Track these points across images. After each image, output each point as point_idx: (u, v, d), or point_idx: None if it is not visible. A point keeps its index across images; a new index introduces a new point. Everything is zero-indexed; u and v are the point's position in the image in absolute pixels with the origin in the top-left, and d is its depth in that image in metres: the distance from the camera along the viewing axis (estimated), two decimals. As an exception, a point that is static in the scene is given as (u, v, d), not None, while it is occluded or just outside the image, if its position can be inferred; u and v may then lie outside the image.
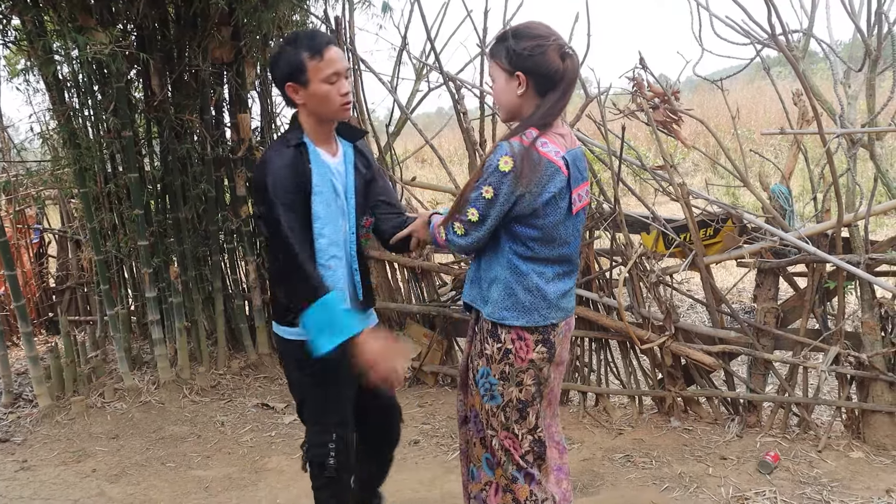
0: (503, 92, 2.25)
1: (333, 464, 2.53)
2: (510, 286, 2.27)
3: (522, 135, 2.16)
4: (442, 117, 14.71)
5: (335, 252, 2.40)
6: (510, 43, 2.18)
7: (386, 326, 4.92)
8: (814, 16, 3.53)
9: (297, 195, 2.32)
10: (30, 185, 6.31)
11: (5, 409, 4.91)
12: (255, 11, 4.65)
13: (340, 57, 2.34)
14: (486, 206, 2.17)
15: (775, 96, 4.02)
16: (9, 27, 4.83)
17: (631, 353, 4.20)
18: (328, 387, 2.51)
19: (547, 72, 2.16)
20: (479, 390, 2.39)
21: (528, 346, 2.30)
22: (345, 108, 2.38)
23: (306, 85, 2.32)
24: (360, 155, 2.57)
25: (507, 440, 2.39)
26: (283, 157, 2.35)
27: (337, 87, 2.32)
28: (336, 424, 2.55)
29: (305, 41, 2.31)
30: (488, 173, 2.15)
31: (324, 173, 2.39)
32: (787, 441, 3.78)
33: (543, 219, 2.21)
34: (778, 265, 3.81)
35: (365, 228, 2.59)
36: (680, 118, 3.72)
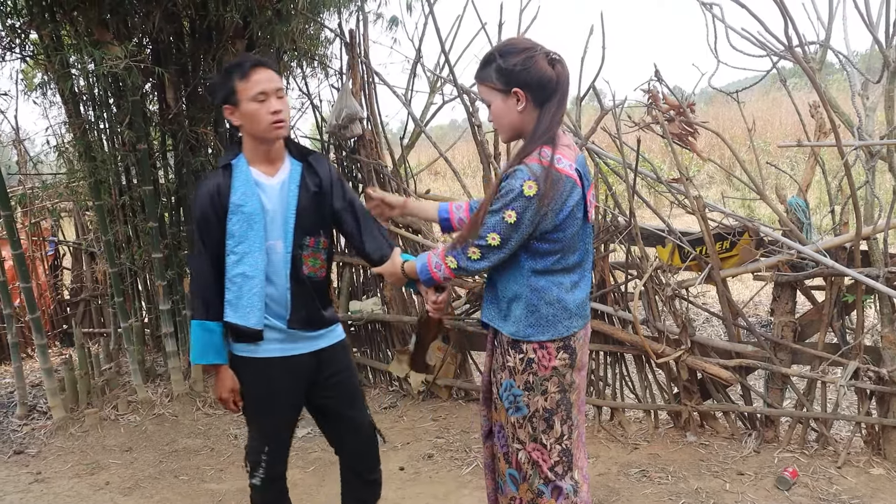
0: (503, 112, 2.25)
1: (262, 474, 2.67)
2: (532, 303, 2.26)
3: (539, 155, 2.16)
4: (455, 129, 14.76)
5: (244, 269, 2.49)
6: (499, 62, 2.20)
7: (400, 340, 4.92)
8: (831, 27, 3.50)
9: (215, 216, 2.49)
10: (45, 198, 6.36)
11: (20, 421, 4.93)
12: (269, 25, 4.68)
13: (269, 78, 2.44)
14: (508, 230, 2.16)
15: (791, 108, 4.00)
16: (27, 41, 4.87)
17: (646, 367, 4.16)
18: (259, 400, 2.64)
19: (541, 81, 2.18)
20: (504, 403, 2.37)
21: (551, 354, 2.30)
22: (275, 127, 2.46)
23: (238, 105, 2.44)
24: (310, 173, 2.61)
25: (536, 452, 2.36)
26: (210, 180, 2.53)
27: (266, 106, 2.42)
28: (270, 435, 2.68)
29: (234, 66, 2.48)
30: (511, 198, 2.14)
31: (250, 192, 2.48)
32: (805, 457, 3.72)
33: (563, 232, 2.22)
34: (795, 278, 3.76)
35: (310, 248, 2.60)
36: (696, 131, 3.70)
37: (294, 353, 2.60)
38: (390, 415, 4.67)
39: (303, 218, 2.55)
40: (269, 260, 2.53)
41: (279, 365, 2.58)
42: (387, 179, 4.79)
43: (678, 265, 3.96)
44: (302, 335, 2.61)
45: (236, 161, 2.52)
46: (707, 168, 11.88)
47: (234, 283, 2.49)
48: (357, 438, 2.79)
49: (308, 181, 2.58)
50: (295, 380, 2.63)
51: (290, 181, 2.56)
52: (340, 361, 2.74)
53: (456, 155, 11.06)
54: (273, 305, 2.56)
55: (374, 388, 5.11)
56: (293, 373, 2.62)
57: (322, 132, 5.20)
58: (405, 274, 2.49)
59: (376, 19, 5.25)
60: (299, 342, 2.61)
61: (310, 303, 2.62)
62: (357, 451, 2.81)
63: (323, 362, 2.67)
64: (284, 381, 2.61)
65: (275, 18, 4.70)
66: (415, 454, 4.08)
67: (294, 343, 2.60)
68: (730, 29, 3.50)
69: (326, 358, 2.68)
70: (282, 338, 2.58)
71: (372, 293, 5.21)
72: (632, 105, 3.96)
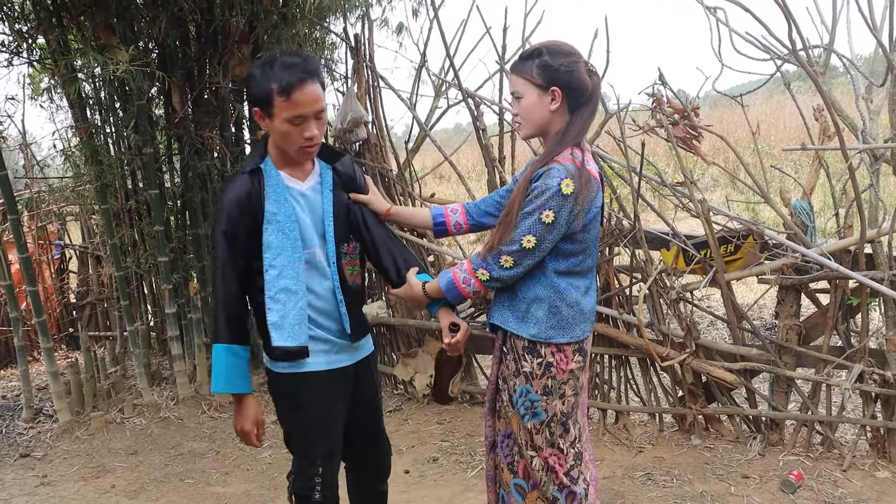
0: (535, 107, 2.25)
1: (319, 498, 2.44)
2: (555, 304, 2.27)
3: (571, 155, 2.18)
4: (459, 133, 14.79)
5: (286, 284, 2.29)
6: (546, 58, 2.21)
7: (405, 344, 4.92)
8: (835, 31, 3.51)
9: (245, 227, 2.28)
10: (52, 202, 6.39)
11: (26, 425, 4.95)
12: (274, 29, 4.71)
13: (312, 99, 2.19)
14: (544, 230, 2.15)
15: (794, 111, 4.01)
16: (34, 46, 4.90)
17: (651, 371, 4.16)
18: (311, 419, 2.44)
19: (579, 87, 2.22)
20: (519, 410, 2.35)
21: (568, 357, 2.31)
22: (305, 151, 2.27)
23: (271, 118, 2.21)
24: (339, 177, 2.46)
25: (553, 457, 2.34)
26: (236, 187, 2.30)
27: (300, 129, 2.21)
28: (322, 456, 2.46)
29: (279, 72, 2.17)
30: (547, 196, 2.13)
31: (282, 200, 2.30)
32: (810, 460, 3.72)
33: (589, 232, 2.26)
34: (800, 282, 3.77)
35: (348, 255, 2.46)
36: (700, 134, 3.71)
37: (340, 365, 2.45)
38: (395, 418, 4.67)
39: (339, 224, 2.41)
40: (312, 269, 2.36)
41: (326, 379, 2.41)
42: (392, 183, 4.80)
43: (683, 268, 3.97)
44: (348, 346, 2.46)
45: (264, 165, 2.32)
46: (711, 171, 11.88)
47: (278, 300, 2.29)
48: (376, 449, 2.69)
49: (338, 185, 2.44)
50: (341, 393, 2.48)
51: (324, 186, 2.40)
52: (373, 373, 2.62)
53: (460, 159, 11.07)
54: (319, 318, 2.39)
55: (379, 392, 5.12)
56: (340, 386, 2.47)
57: (327, 136, 5.22)
58: (427, 295, 2.39)
59: (382, 26, 5.25)
60: (343, 353, 2.46)
61: (359, 312, 2.50)
62: (374, 462, 2.71)
63: (360, 374, 2.54)
64: (333, 396, 2.44)
65: (280, 23, 4.72)
66: (420, 457, 4.08)
67: (340, 355, 2.45)
68: (734, 33, 3.51)
69: (363, 369, 2.55)
70: (327, 349, 2.41)
71: (377, 297, 5.22)
72: (636, 109, 3.97)
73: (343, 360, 2.46)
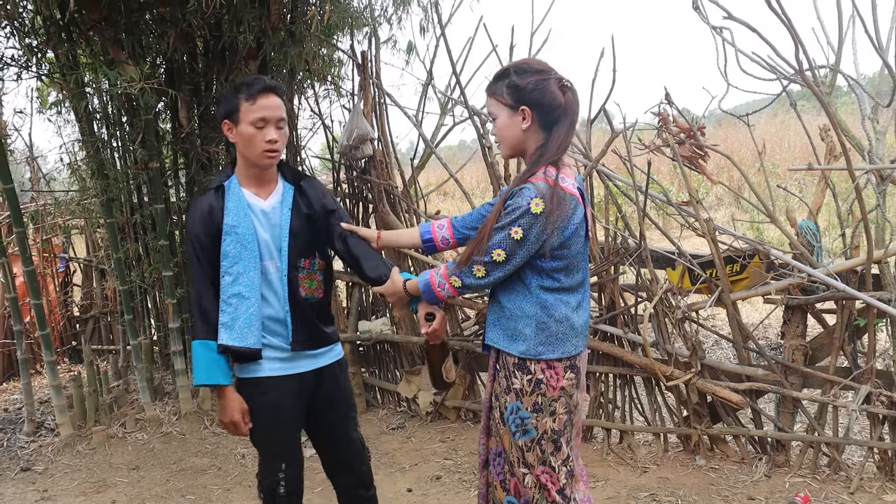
0: (507, 127, 2.31)
1: (283, 493, 2.63)
2: (542, 321, 2.29)
3: (544, 174, 2.20)
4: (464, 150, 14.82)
5: (240, 290, 2.49)
6: (513, 78, 2.26)
7: (409, 361, 4.91)
8: (841, 51, 3.52)
9: (208, 237, 2.50)
10: (57, 215, 6.40)
11: (27, 438, 4.93)
12: (282, 46, 4.72)
13: (275, 105, 2.47)
14: (513, 246, 2.20)
15: (798, 130, 4.02)
16: (43, 60, 4.93)
17: (656, 390, 4.14)
18: (267, 421, 2.61)
19: (550, 104, 2.24)
20: (510, 427, 2.36)
21: (559, 374, 2.31)
22: (267, 156, 2.48)
23: (237, 124, 2.47)
24: (302, 196, 2.62)
25: (545, 475, 2.34)
26: (202, 201, 2.55)
27: (263, 133, 2.45)
28: (282, 455, 2.66)
29: (244, 85, 2.48)
30: (517, 215, 2.18)
31: (243, 214, 2.50)
32: (817, 482, 3.69)
33: (569, 249, 2.26)
34: (806, 302, 3.75)
35: (306, 270, 2.61)
36: (706, 153, 3.71)
37: (296, 371, 2.61)
38: (398, 436, 4.65)
39: (296, 240, 2.58)
40: (265, 281, 2.55)
41: (282, 383, 2.59)
42: (397, 200, 4.81)
43: (688, 288, 3.95)
44: (304, 354, 2.62)
45: (228, 183, 2.55)
46: (715, 190, 11.88)
47: (230, 304, 2.49)
48: (348, 453, 2.80)
49: (300, 204, 2.61)
50: (298, 397, 2.64)
51: (283, 204, 2.59)
52: (339, 380, 2.75)
53: (465, 175, 11.09)
54: (272, 325, 2.57)
55: (383, 409, 5.10)
56: (296, 390, 2.62)
57: (333, 152, 5.24)
58: (408, 293, 2.49)
59: (392, 46, 5.29)
60: (301, 360, 2.62)
61: (310, 323, 2.63)
62: (349, 467, 2.82)
63: (323, 380, 2.68)
64: (289, 399, 2.61)
65: (288, 40, 4.74)
66: (423, 475, 4.05)
67: (296, 362, 2.61)
68: (740, 52, 3.52)
69: (326, 376, 2.69)
70: (283, 357, 2.59)
71: (381, 313, 5.21)
72: (641, 128, 3.98)
73: (300, 366, 2.62)
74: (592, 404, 4.29)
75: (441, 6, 5.60)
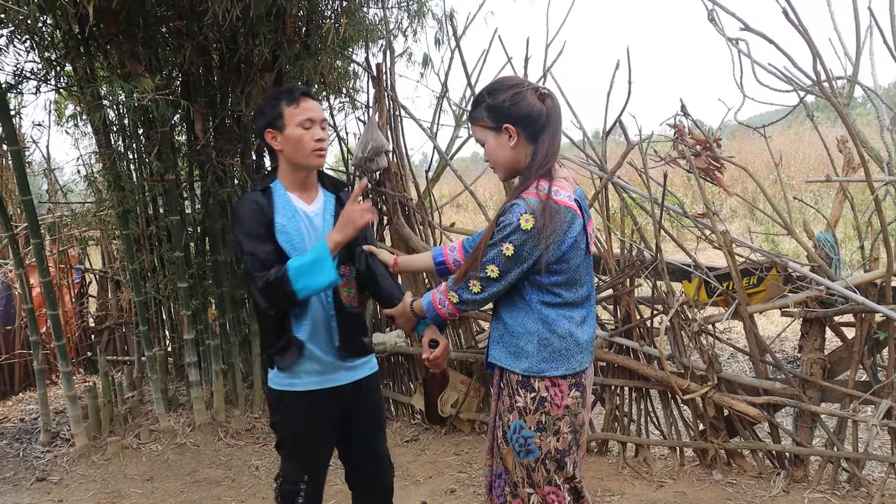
0: (496, 150, 2.29)
1: (302, 502, 2.63)
2: (544, 337, 2.26)
3: (536, 189, 2.18)
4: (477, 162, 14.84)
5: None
6: (488, 100, 2.25)
7: (423, 373, 4.89)
8: (858, 62, 3.49)
9: (262, 226, 2.47)
10: (74, 226, 6.44)
11: (43, 448, 4.95)
12: (297, 59, 4.75)
13: (315, 107, 2.53)
14: (506, 263, 2.18)
15: (813, 142, 4.00)
16: (62, 73, 4.97)
17: (672, 404, 4.10)
18: (300, 434, 2.62)
19: (531, 115, 2.22)
20: (513, 446, 2.32)
21: (563, 392, 2.28)
22: (317, 154, 2.52)
23: (283, 130, 2.49)
24: (341, 206, 2.62)
25: (552, 495, 2.31)
26: (248, 199, 2.54)
27: (311, 133, 2.49)
28: (310, 464, 2.66)
29: (283, 93, 2.53)
30: (508, 231, 2.16)
31: (290, 215, 2.52)
32: (837, 498, 3.64)
33: (567, 262, 2.23)
34: (825, 315, 3.71)
35: (345, 277, 2.61)
36: (722, 165, 3.69)
37: (334, 384, 2.60)
38: (412, 448, 4.63)
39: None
40: None
41: (319, 396, 2.57)
42: (411, 212, 4.81)
43: (704, 300, 3.93)
44: (342, 366, 2.61)
45: (274, 185, 2.57)
46: (730, 202, 11.82)
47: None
48: (375, 470, 2.80)
49: (339, 213, 2.58)
50: (334, 410, 2.63)
51: (325, 211, 2.61)
52: (374, 393, 2.76)
53: (478, 188, 11.10)
54: (315, 332, 2.55)
55: (397, 421, 5.08)
56: (333, 403, 2.61)
57: (348, 164, 5.25)
58: (414, 312, 2.50)
59: (407, 60, 5.31)
60: (339, 372, 2.61)
61: (352, 332, 2.63)
62: (375, 483, 2.82)
63: (360, 393, 2.67)
64: (324, 412, 2.60)
65: (303, 53, 4.77)
66: (437, 489, 4.03)
67: (334, 374, 2.60)
68: (756, 64, 3.50)
69: (363, 389, 2.68)
70: (321, 369, 2.57)
71: (395, 326, 5.21)
72: (657, 140, 3.96)
73: (338, 378, 2.61)
74: (608, 417, 4.26)
75: (456, 19, 5.61)
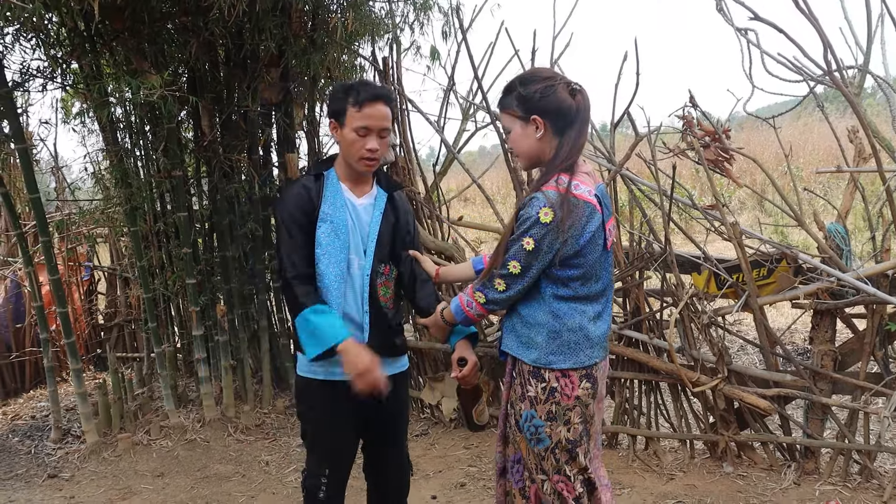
0: (522, 139, 2.30)
1: (323, 497, 2.62)
2: (554, 329, 2.28)
3: (556, 182, 2.19)
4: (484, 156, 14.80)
5: (329, 282, 2.51)
6: (520, 90, 2.26)
7: (433, 367, 4.89)
8: (870, 50, 3.46)
9: (304, 215, 2.50)
10: (82, 224, 6.45)
11: (54, 445, 4.97)
12: (303, 54, 4.73)
13: (380, 115, 2.46)
14: (527, 257, 2.19)
15: (822, 133, 3.98)
16: (68, 71, 4.97)
17: (682, 396, 4.09)
18: (323, 422, 2.63)
19: (560, 109, 2.23)
20: (525, 435, 2.36)
21: (574, 383, 2.30)
22: (365, 163, 2.51)
23: (342, 126, 2.50)
24: (393, 206, 2.66)
25: (561, 484, 2.34)
26: (298, 183, 2.59)
27: (364, 141, 2.46)
28: (331, 458, 2.65)
29: (356, 88, 2.48)
30: (528, 225, 2.18)
31: (339, 205, 2.53)
32: (848, 490, 3.62)
33: (584, 257, 2.24)
34: (836, 306, 3.69)
35: (384, 276, 2.62)
36: (731, 157, 3.67)
37: None
38: (422, 442, 4.63)
39: (381, 244, 2.60)
40: (349, 275, 2.54)
41: (344, 387, 2.52)
42: (419, 206, 4.80)
43: (714, 292, 3.91)
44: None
45: (328, 173, 2.59)
46: (738, 194, 11.77)
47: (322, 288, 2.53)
48: (396, 467, 2.81)
49: (390, 212, 2.64)
50: (359, 403, 2.57)
51: (375, 207, 2.61)
52: (401, 391, 2.75)
53: (485, 181, 11.08)
54: (350, 327, 2.53)
55: (405, 415, 5.08)
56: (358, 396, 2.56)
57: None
58: (445, 320, 2.50)
59: (416, 51, 5.28)
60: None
61: (384, 330, 2.62)
62: (393, 480, 2.83)
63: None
64: (350, 404, 2.56)
65: (309, 47, 4.75)
66: (447, 483, 4.03)
67: None
68: (765, 54, 3.47)
69: (391, 384, 2.60)
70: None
71: (404, 320, 5.19)
72: (665, 132, 3.94)
73: None
74: (618, 410, 4.25)
75: (462, 12, 5.59)
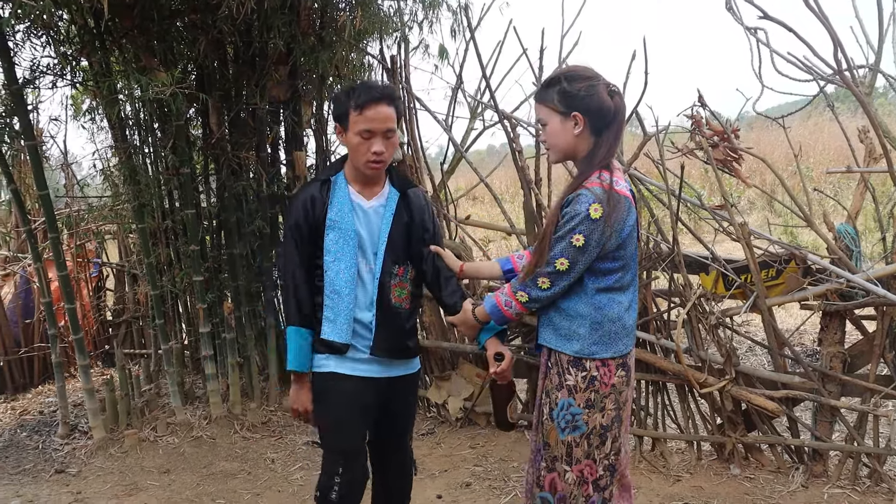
0: (559, 133, 2.34)
1: (335, 498, 2.60)
2: (597, 321, 2.33)
3: (599, 178, 2.25)
4: (493, 155, 14.77)
5: (340, 287, 2.53)
6: (564, 85, 2.30)
7: (439, 366, 4.88)
8: (881, 50, 3.43)
9: (308, 225, 2.54)
10: (90, 220, 6.47)
11: (62, 440, 4.98)
12: (312, 51, 4.73)
13: (383, 117, 2.45)
14: (575, 253, 2.23)
15: (832, 133, 3.95)
16: (77, 68, 4.98)
17: (689, 397, 4.07)
18: (331, 416, 2.62)
19: (601, 109, 2.28)
20: (558, 423, 2.39)
21: (611, 371, 2.36)
22: (370, 166, 2.51)
23: (346, 130, 2.50)
24: (406, 204, 2.65)
25: (587, 468, 2.38)
26: (307, 190, 2.59)
27: (368, 144, 2.46)
28: (343, 456, 2.62)
29: (358, 91, 2.48)
30: (577, 221, 2.21)
31: (346, 211, 2.54)
32: (857, 493, 3.60)
33: (625, 249, 2.31)
34: (845, 308, 3.66)
35: (398, 277, 2.61)
36: (740, 156, 3.65)
37: (373, 374, 2.61)
38: (428, 441, 4.62)
39: (392, 246, 2.59)
40: (359, 279, 2.56)
41: (359, 382, 2.59)
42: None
43: (722, 293, 3.89)
44: (381, 360, 2.62)
45: (336, 178, 2.59)
46: (748, 194, 11.72)
47: (332, 299, 2.54)
48: (399, 466, 2.85)
49: (403, 212, 2.62)
50: (369, 399, 2.63)
51: (386, 209, 2.60)
52: (410, 391, 2.78)
53: (493, 180, 11.06)
54: (358, 328, 2.58)
55: (411, 414, 5.08)
56: (369, 393, 2.61)
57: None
58: (477, 319, 2.52)
59: (424, 50, 5.28)
60: (373, 364, 2.61)
61: (395, 332, 2.63)
62: (396, 479, 2.85)
63: (396, 389, 2.68)
64: (360, 397, 2.60)
65: (318, 45, 4.75)
66: (452, 482, 4.02)
67: (368, 365, 2.61)
68: (775, 53, 3.45)
69: (400, 385, 2.69)
70: (363, 359, 2.59)
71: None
72: (674, 131, 3.92)
73: (372, 371, 2.61)
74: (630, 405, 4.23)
75: (471, 10, 5.58)
